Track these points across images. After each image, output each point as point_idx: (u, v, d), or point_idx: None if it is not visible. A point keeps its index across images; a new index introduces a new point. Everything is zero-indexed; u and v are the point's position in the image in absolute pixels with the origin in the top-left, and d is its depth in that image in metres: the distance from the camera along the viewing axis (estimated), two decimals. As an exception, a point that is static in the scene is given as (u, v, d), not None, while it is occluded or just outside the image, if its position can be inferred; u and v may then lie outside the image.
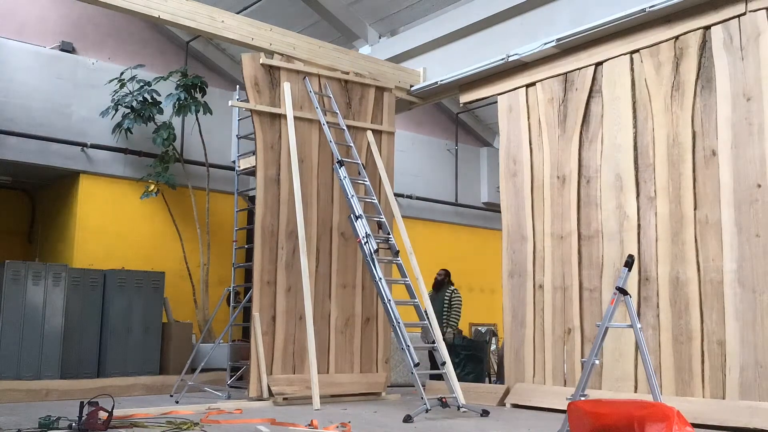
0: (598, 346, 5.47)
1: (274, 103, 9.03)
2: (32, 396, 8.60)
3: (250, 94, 8.88)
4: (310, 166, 9.20)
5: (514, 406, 8.31)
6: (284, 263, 8.79)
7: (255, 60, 8.98)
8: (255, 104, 8.87)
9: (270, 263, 8.72)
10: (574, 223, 8.41)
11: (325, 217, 9.23)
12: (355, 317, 9.30)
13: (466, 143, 15.89)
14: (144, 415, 7.01)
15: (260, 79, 8.98)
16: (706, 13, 7.44)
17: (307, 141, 9.22)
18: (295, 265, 8.78)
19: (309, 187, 9.13)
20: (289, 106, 9.02)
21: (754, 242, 6.88)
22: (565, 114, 8.70)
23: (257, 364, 8.41)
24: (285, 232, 8.85)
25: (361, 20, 11.50)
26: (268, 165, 8.89)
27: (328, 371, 8.93)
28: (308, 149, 9.22)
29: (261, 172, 8.82)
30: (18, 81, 10.79)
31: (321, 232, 9.16)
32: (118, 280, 10.00)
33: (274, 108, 9.00)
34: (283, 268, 8.78)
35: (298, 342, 8.74)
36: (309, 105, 9.30)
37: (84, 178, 11.32)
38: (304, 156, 9.13)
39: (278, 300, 8.71)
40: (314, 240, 9.06)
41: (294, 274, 8.77)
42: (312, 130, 9.28)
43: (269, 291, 8.68)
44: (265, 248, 8.70)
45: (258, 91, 8.94)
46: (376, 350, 9.43)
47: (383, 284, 8.11)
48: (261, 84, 8.98)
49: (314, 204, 9.14)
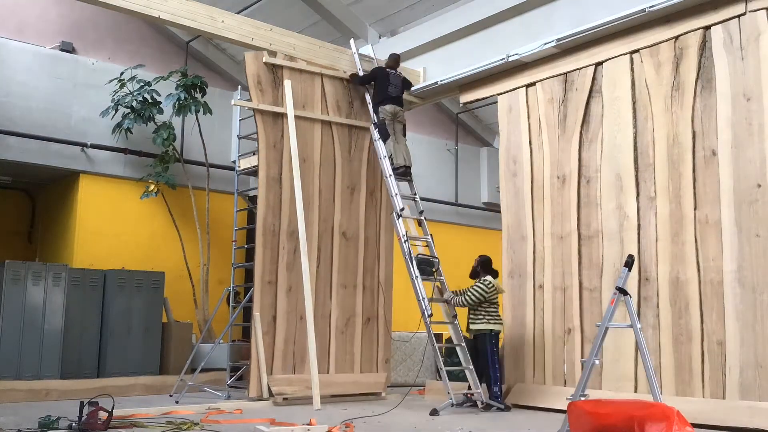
0: (598, 346, 5.47)
1: (276, 102, 9.03)
2: (32, 396, 8.59)
3: (252, 93, 8.88)
4: (312, 165, 9.19)
5: (514, 406, 8.30)
6: (285, 263, 8.79)
7: (258, 59, 8.97)
8: (258, 103, 8.87)
9: (271, 263, 8.71)
10: (574, 223, 8.41)
11: (327, 217, 9.23)
12: (355, 317, 9.30)
13: (466, 143, 15.88)
14: (144, 415, 7.01)
15: (263, 78, 8.98)
16: (706, 13, 7.45)
17: (310, 140, 9.22)
18: (296, 265, 8.78)
19: (311, 187, 9.12)
20: (289, 103, 8.99)
21: (754, 242, 6.88)
22: (565, 114, 8.70)
23: (257, 364, 8.41)
24: (287, 232, 8.84)
25: (361, 20, 11.49)
26: (271, 164, 8.88)
27: (328, 371, 8.92)
28: (310, 149, 9.21)
29: (263, 172, 8.81)
30: (18, 81, 10.79)
31: (322, 231, 9.16)
32: (118, 280, 10.00)
33: (276, 107, 8.99)
34: (285, 268, 8.78)
35: (299, 342, 8.74)
36: (311, 104, 9.30)
37: (84, 178, 11.32)
38: (306, 155, 9.12)
39: (279, 300, 8.71)
40: (315, 240, 9.06)
41: (295, 274, 8.77)
42: (314, 129, 9.28)
43: (270, 291, 8.68)
44: (266, 248, 8.70)
45: (261, 90, 8.94)
46: (377, 350, 9.43)
47: (419, 283, 8.20)
48: (264, 83, 8.97)
49: (315, 204, 9.14)
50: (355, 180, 9.56)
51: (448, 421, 7.14)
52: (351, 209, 9.46)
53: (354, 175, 9.55)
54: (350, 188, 9.50)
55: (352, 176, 9.54)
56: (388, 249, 9.69)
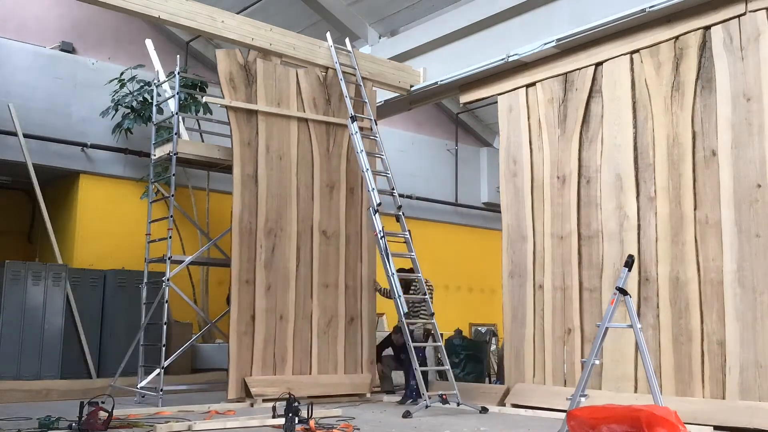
0: (598, 347, 5.47)
1: (250, 100, 8.98)
2: (32, 396, 8.60)
3: (225, 90, 8.84)
4: (289, 163, 9.15)
5: (514, 406, 8.30)
6: (263, 262, 8.73)
7: (230, 56, 8.94)
8: (230, 101, 8.83)
9: (248, 261, 8.65)
10: (574, 223, 8.41)
11: (305, 216, 9.15)
12: (338, 317, 9.20)
13: (466, 143, 15.89)
14: (144, 415, 7.02)
15: (236, 76, 8.94)
16: (706, 13, 7.44)
17: (285, 137, 9.16)
18: (274, 264, 8.76)
19: (288, 185, 9.08)
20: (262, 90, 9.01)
21: (754, 242, 6.87)
22: (565, 114, 8.70)
23: (236, 365, 8.34)
24: (263, 230, 8.79)
25: (361, 20, 11.49)
26: (245, 162, 8.83)
27: (311, 372, 8.85)
28: (286, 146, 9.16)
29: (238, 169, 8.77)
30: (18, 81, 10.79)
31: (301, 230, 9.08)
32: (118, 280, 9.99)
33: (250, 104, 8.95)
34: (262, 266, 8.71)
35: (279, 342, 8.67)
36: (287, 101, 9.23)
37: (84, 178, 11.32)
38: (282, 153, 9.09)
39: (257, 299, 8.63)
40: (294, 238, 9.00)
41: (273, 272, 8.75)
42: (290, 126, 9.22)
43: (248, 290, 8.61)
44: (243, 246, 8.64)
45: (234, 88, 8.89)
46: (361, 351, 9.30)
47: (395, 279, 8.16)
48: (237, 80, 8.94)
49: (293, 202, 9.08)
50: (335, 178, 9.47)
51: (449, 422, 7.14)
52: (331, 207, 9.38)
53: (333, 173, 9.46)
54: (329, 186, 9.41)
55: (331, 174, 9.45)
56: (370, 247, 9.54)
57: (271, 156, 9.00)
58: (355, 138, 9.12)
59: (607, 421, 4.23)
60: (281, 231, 8.91)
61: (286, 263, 8.88)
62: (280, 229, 8.91)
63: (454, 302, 14.22)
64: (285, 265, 8.87)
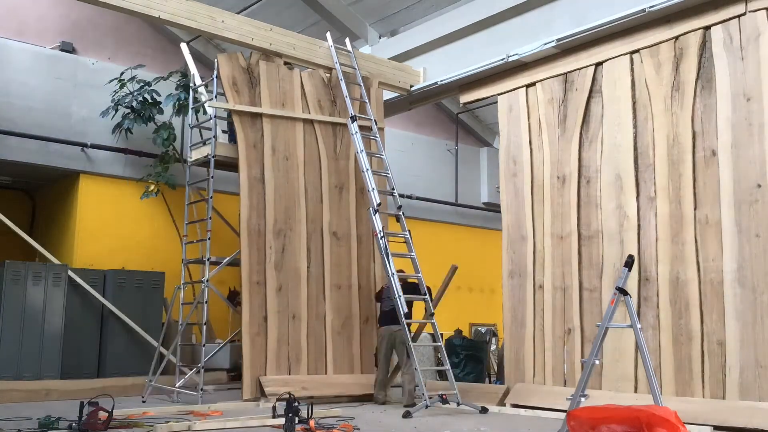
0: (598, 347, 5.47)
1: (253, 102, 9.00)
2: (32, 396, 8.60)
3: (228, 94, 8.86)
4: (296, 164, 9.16)
5: (514, 406, 8.30)
6: (273, 263, 8.75)
7: (232, 59, 8.96)
8: (234, 104, 8.84)
9: (258, 263, 8.68)
10: (574, 223, 8.41)
11: (315, 217, 9.18)
12: (352, 318, 9.23)
13: (466, 143, 15.88)
14: (143, 415, 7.01)
15: (238, 79, 8.96)
16: (706, 13, 7.45)
17: (291, 139, 9.18)
18: (285, 265, 8.77)
19: (295, 185, 9.09)
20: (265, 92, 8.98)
21: (754, 242, 6.87)
22: (565, 114, 8.70)
23: (250, 365, 8.36)
24: (273, 231, 8.81)
25: (361, 20, 11.50)
26: (252, 164, 8.85)
27: (326, 372, 8.88)
28: (293, 147, 9.17)
29: (245, 172, 8.79)
30: (18, 81, 10.78)
31: (311, 230, 9.10)
32: (118, 280, 10.00)
33: (253, 107, 8.95)
34: (273, 267, 8.74)
35: (293, 342, 8.69)
36: (291, 103, 9.25)
37: (84, 178, 11.31)
38: (288, 154, 9.10)
39: (269, 300, 8.66)
40: (304, 239, 9.02)
41: (284, 273, 8.77)
42: (296, 127, 9.23)
43: (259, 291, 8.64)
44: (252, 248, 8.67)
45: (237, 91, 8.91)
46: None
47: (395, 280, 8.15)
48: (239, 84, 8.96)
49: (302, 202, 9.10)
50: (343, 179, 9.49)
51: (449, 422, 7.14)
52: (341, 208, 9.40)
53: (341, 174, 9.49)
54: (338, 187, 9.44)
55: (340, 174, 9.47)
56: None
57: (278, 158, 9.03)
58: (355, 138, 9.13)
59: (607, 422, 4.24)
60: (291, 231, 8.95)
61: (296, 264, 8.91)
62: (290, 229, 8.94)
63: (454, 302, 14.21)
64: (296, 265, 8.90)
